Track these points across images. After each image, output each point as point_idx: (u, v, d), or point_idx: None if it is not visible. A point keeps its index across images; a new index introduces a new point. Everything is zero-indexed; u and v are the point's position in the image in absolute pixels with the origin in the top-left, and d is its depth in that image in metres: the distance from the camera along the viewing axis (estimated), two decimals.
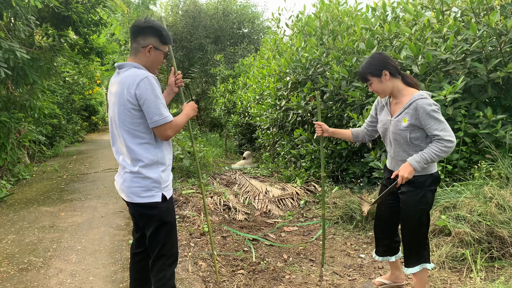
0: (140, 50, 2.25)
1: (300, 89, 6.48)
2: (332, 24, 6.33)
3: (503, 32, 4.18)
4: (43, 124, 9.03)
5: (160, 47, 2.28)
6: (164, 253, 2.32)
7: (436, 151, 2.39)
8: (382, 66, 2.54)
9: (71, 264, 3.67)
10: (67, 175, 8.10)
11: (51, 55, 6.20)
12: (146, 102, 2.11)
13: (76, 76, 11.11)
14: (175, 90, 2.65)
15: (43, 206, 5.67)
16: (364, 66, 2.59)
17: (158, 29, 2.25)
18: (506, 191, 3.69)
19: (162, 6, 17.38)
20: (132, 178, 2.22)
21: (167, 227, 2.31)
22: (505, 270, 3.12)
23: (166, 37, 2.29)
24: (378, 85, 2.58)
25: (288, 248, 4.02)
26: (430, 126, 2.42)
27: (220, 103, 12.22)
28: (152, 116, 2.12)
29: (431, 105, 2.42)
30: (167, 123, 2.16)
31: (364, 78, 2.61)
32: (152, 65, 2.30)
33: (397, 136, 2.57)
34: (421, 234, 2.63)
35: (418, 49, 4.49)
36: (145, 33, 2.24)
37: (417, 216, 2.59)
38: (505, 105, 4.44)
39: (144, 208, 2.25)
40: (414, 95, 2.49)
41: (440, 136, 2.39)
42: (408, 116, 2.49)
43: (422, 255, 2.67)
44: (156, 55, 2.28)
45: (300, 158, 6.65)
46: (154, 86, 2.13)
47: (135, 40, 2.26)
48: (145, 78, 2.12)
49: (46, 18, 7.00)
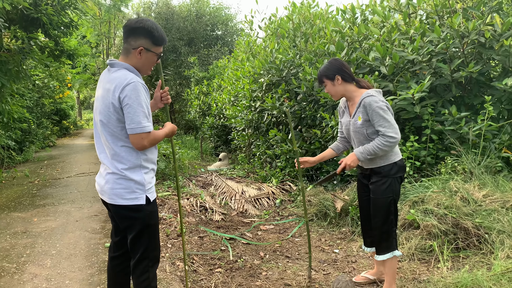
0: (131, 51, 2.18)
1: (275, 90, 6.58)
2: (304, 27, 6.47)
3: (465, 34, 4.39)
4: (12, 129, 8.79)
5: (152, 48, 2.20)
6: (147, 255, 2.30)
7: (378, 145, 2.61)
8: (336, 71, 2.78)
9: (46, 269, 3.63)
10: (39, 180, 7.92)
11: (20, 58, 6.07)
12: (127, 108, 2.05)
13: (47, 79, 10.86)
14: (159, 106, 2.54)
15: (14, 212, 5.54)
16: (321, 69, 2.84)
17: (150, 29, 2.16)
18: (470, 184, 3.89)
19: (134, 8, 17.22)
20: (116, 180, 2.17)
21: (150, 230, 2.29)
22: (470, 259, 3.29)
23: (158, 37, 2.20)
24: (331, 87, 2.82)
25: (264, 246, 4.10)
26: (375, 122, 2.63)
27: (194, 105, 12.21)
28: (130, 122, 2.06)
29: (377, 102, 2.62)
30: (143, 133, 2.08)
31: (320, 80, 2.86)
32: (143, 66, 2.24)
33: (357, 134, 2.77)
34: (390, 222, 2.77)
35: (386, 50, 4.66)
36: (136, 33, 2.16)
37: (385, 204, 2.74)
38: (469, 103, 4.67)
39: (127, 210, 2.20)
40: (363, 94, 2.71)
41: (382, 132, 2.61)
42: (361, 114, 2.71)
43: (391, 242, 2.81)
44: (147, 57, 2.20)
45: (275, 158, 6.74)
46: (139, 93, 2.07)
47: (126, 40, 2.20)
48: (132, 83, 2.06)
49: (14, 20, 6.85)
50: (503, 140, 4.17)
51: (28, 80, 6.53)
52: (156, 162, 2.37)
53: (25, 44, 6.16)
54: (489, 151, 4.14)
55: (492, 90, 4.41)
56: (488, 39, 4.23)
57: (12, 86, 6.09)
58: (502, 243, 3.27)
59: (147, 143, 2.12)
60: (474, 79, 4.55)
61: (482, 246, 3.38)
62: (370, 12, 5.68)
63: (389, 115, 2.65)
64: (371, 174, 2.82)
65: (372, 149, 2.62)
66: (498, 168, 4.08)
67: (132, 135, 2.08)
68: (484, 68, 4.44)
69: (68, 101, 20.27)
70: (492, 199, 3.70)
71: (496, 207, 3.60)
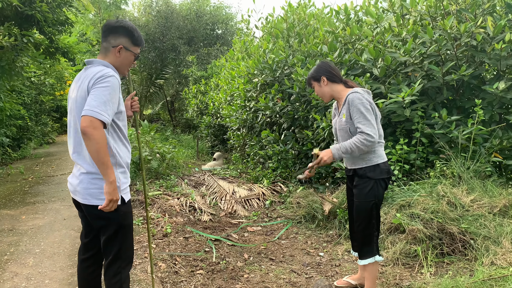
0: (110, 49, 2.21)
1: (268, 91, 6.54)
2: (298, 27, 6.42)
3: (457, 37, 4.34)
4: (8, 126, 8.79)
5: (131, 48, 2.24)
6: (120, 256, 2.27)
7: (355, 142, 2.56)
8: (321, 72, 2.78)
9: (27, 268, 3.60)
10: (32, 177, 7.91)
11: (12, 55, 6.05)
12: (93, 92, 2.00)
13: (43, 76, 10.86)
14: (129, 114, 2.53)
15: (3, 209, 5.53)
16: (310, 72, 2.85)
17: (130, 29, 2.22)
18: (458, 189, 3.84)
19: (135, 6, 17.21)
20: (90, 180, 2.14)
21: (125, 231, 2.26)
22: (454, 265, 3.25)
23: (137, 38, 2.25)
24: (318, 89, 2.83)
25: (249, 247, 4.06)
26: (355, 119, 2.60)
27: (192, 104, 12.18)
28: (86, 104, 1.96)
29: (360, 99, 2.59)
30: (92, 117, 1.93)
31: (309, 83, 2.87)
32: (121, 65, 2.26)
33: (341, 132, 2.75)
34: (371, 226, 2.73)
35: (378, 52, 4.61)
36: (116, 32, 2.20)
37: (367, 208, 2.69)
38: (461, 107, 4.61)
39: (102, 210, 2.14)
40: (348, 92, 2.68)
41: (361, 129, 2.55)
42: (345, 111, 2.68)
43: (372, 247, 2.77)
44: (126, 56, 2.24)
45: (268, 158, 6.70)
46: (109, 83, 2.02)
47: (106, 39, 2.22)
48: (106, 74, 2.05)
49: (9, 17, 6.83)
50: (494, 144, 4.11)
51: (21, 77, 6.50)
52: (129, 161, 2.33)
53: (18, 41, 6.16)
54: (479, 155, 4.08)
55: (484, 94, 4.35)
56: (479, 42, 4.17)
57: (4, 83, 6.07)
58: (487, 249, 3.22)
59: (91, 130, 1.92)
60: (466, 82, 4.50)
61: (467, 252, 3.34)
62: (364, 13, 5.63)
63: (371, 115, 2.60)
64: (353, 176, 2.78)
65: (349, 146, 2.57)
66: (487, 173, 4.03)
67: (83, 117, 1.94)
68: (476, 71, 4.38)
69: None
70: (480, 204, 3.65)
71: (483, 213, 3.56)
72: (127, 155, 2.30)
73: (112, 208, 2.09)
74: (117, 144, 2.21)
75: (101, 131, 1.97)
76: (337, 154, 2.62)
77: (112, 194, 2.05)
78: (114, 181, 2.05)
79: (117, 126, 2.20)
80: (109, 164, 2.02)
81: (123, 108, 2.24)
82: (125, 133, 2.28)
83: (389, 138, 4.78)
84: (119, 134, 2.23)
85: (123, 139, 2.26)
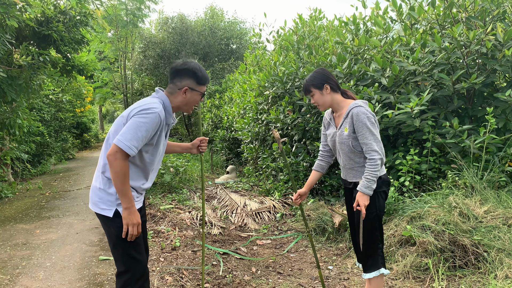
0: (176, 91, 2.30)
1: (279, 103, 6.55)
2: (308, 39, 6.44)
3: (467, 44, 4.26)
4: (27, 142, 9.03)
5: (196, 87, 2.32)
6: (127, 269, 2.27)
7: (373, 169, 2.49)
8: (324, 80, 2.67)
9: (37, 281, 3.65)
10: (50, 192, 8.07)
11: (30, 74, 6.25)
12: (131, 122, 2.12)
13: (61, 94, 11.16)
14: (193, 152, 2.72)
15: (20, 224, 5.64)
16: (308, 79, 2.72)
17: (194, 70, 2.30)
18: (471, 200, 3.73)
19: (152, 23, 17.62)
20: (95, 190, 2.28)
21: (124, 245, 2.24)
22: (466, 278, 3.13)
23: (202, 78, 2.33)
24: (319, 97, 2.70)
25: (257, 261, 4.02)
26: (361, 134, 2.52)
27: (207, 118, 12.29)
28: (121, 134, 2.10)
29: (365, 113, 2.52)
30: (120, 148, 2.07)
31: (307, 90, 2.73)
32: (187, 104, 2.35)
33: (343, 146, 2.65)
34: (374, 238, 2.66)
35: (386, 62, 4.57)
36: (181, 74, 2.29)
37: (369, 220, 2.62)
38: (473, 116, 4.51)
39: (101, 219, 2.27)
40: (350, 105, 2.61)
41: (368, 147, 2.50)
42: (348, 125, 2.59)
43: (377, 259, 2.69)
44: (192, 95, 2.32)
45: (279, 171, 6.67)
46: (149, 119, 2.12)
47: (172, 81, 2.32)
48: (150, 109, 2.13)
49: (27, 37, 7.09)
50: (508, 153, 3.99)
51: (37, 95, 6.69)
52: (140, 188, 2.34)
53: (35, 60, 6.35)
54: (492, 164, 3.97)
55: (497, 102, 4.25)
56: (490, 49, 4.09)
57: (21, 100, 6.25)
58: (501, 262, 3.10)
59: (113, 160, 2.07)
60: (478, 90, 4.40)
61: (480, 265, 3.22)
62: (372, 23, 5.61)
63: (376, 129, 2.55)
64: (353, 189, 2.72)
65: (372, 177, 2.50)
66: (501, 183, 3.90)
67: (113, 144, 2.09)
68: (488, 79, 4.29)
69: (88, 115, 20.72)
70: (494, 215, 3.53)
71: (497, 224, 3.44)
72: (138, 180, 2.31)
73: (133, 232, 2.18)
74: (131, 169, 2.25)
75: (123, 162, 2.09)
76: (369, 190, 2.52)
77: (127, 219, 2.15)
78: (130, 207, 2.15)
79: (141, 156, 2.25)
80: (125, 192, 2.12)
81: (158, 142, 2.28)
82: (147, 162, 2.31)
83: (400, 148, 4.70)
84: (136, 161, 2.26)
85: (139, 165, 2.29)
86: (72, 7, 7.16)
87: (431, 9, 4.86)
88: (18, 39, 6.75)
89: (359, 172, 2.65)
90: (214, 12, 16.49)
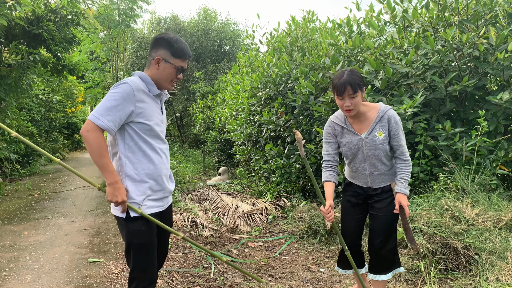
0: (151, 62, 2.18)
1: (272, 104, 6.53)
2: (301, 41, 6.43)
3: (459, 47, 4.28)
4: (16, 142, 8.91)
5: (170, 59, 2.15)
6: (135, 276, 2.18)
7: (409, 170, 2.54)
8: (363, 82, 2.48)
9: (25, 284, 3.58)
10: (39, 193, 7.96)
11: (19, 73, 6.16)
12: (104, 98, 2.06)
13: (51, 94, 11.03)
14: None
15: (7, 225, 5.54)
16: (356, 77, 2.40)
17: (169, 41, 2.15)
18: (462, 202, 3.73)
19: (145, 24, 17.52)
20: None
21: (136, 249, 2.15)
22: (458, 281, 3.13)
23: (177, 49, 2.15)
24: (359, 99, 2.43)
25: (249, 263, 3.98)
26: (397, 136, 2.50)
27: (199, 119, 12.24)
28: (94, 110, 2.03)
29: (397, 115, 2.53)
30: (90, 121, 1.98)
31: (354, 89, 2.38)
32: (161, 78, 2.17)
33: (377, 151, 2.52)
34: (395, 239, 2.66)
35: (379, 64, 4.57)
36: (157, 45, 2.17)
37: (391, 222, 2.61)
38: (465, 118, 4.52)
39: (117, 220, 2.19)
40: (380, 107, 2.52)
41: (403, 149, 2.53)
42: (382, 129, 2.49)
43: (395, 260, 2.70)
44: (165, 68, 2.15)
45: (272, 173, 6.64)
46: (119, 89, 2.02)
47: (149, 53, 2.21)
48: (120, 81, 2.07)
49: (17, 36, 6.99)
50: (499, 156, 4.01)
51: (27, 94, 6.60)
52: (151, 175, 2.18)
53: (25, 59, 6.27)
54: (484, 167, 3.98)
55: (488, 105, 4.26)
56: (482, 52, 4.11)
57: (10, 100, 6.16)
58: (492, 265, 3.10)
59: (85, 133, 1.98)
60: (470, 93, 4.42)
61: (471, 268, 3.22)
62: (366, 25, 5.62)
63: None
64: (373, 194, 2.65)
65: (407, 176, 2.53)
66: (493, 186, 3.91)
67: (87, 120, 2.03)
68: (480, 82, 4.31)
69: (79, 115, 20.54)
70: (485, 218, 3.54)
71: (488, 227, 3.44)
72: (147, 166, 2.16)
73: (122, 210, 2.08)
74: (132, 153, 2.12)
75: (95, 134, 1.97)
76: (408, 190, 2.52)
77: (111, 195, 2.03)
78: (114, 183, 2.02)
79: (140, 136, 2.13)
80: (106, 166, 2.01)
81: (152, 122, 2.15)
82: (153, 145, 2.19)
83: None
84: (140, 145, 2.14)
85: (146, 150, 2.16)
86: (63, 6, 7.08)
87: (425, 12, 4.88)
88: (7, 37, 6.66)
89: (388, 176, 2.61)
90: (207, 13, 16.45)
